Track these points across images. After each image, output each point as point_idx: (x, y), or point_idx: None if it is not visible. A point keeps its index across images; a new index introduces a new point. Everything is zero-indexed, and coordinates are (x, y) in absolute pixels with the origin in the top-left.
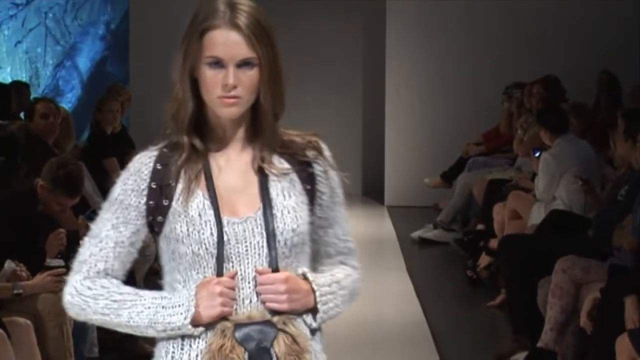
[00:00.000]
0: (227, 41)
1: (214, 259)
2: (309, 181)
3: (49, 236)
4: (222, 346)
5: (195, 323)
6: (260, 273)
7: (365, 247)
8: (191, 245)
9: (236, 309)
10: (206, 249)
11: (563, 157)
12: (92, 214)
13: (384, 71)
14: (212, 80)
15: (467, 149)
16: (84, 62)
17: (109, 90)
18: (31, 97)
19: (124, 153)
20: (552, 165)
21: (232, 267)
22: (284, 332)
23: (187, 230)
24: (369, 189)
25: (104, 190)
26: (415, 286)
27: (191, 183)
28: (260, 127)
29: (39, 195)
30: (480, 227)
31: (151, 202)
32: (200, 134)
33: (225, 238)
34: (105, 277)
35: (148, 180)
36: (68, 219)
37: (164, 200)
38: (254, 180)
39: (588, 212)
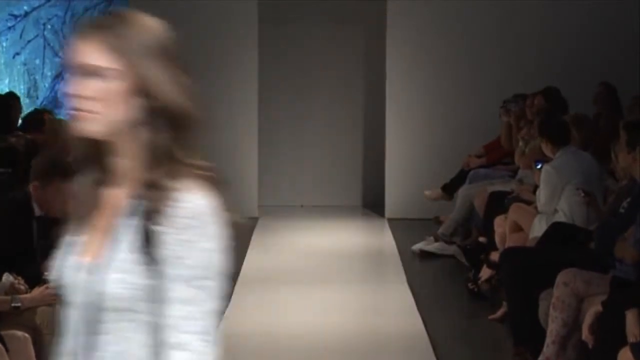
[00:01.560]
0: None
1: None
2: (145, 235)
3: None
4: None
5: None
6: None
7: (365, 259)
8: None
9: None
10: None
11: (565, 169)
12: None
13: (384, 83)
14: None
15: (468, 161)
16: None
17: None
18: (22, 109)
19: None
20: (554, 177)
21: None
22: None
23: None
24: (369, 202)
25: None
26: (415, 299)
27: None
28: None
29: (35, 199)
30: (481, 239)
31: None
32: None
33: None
34: None
35: None
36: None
37: None
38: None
39: (590, 224)
